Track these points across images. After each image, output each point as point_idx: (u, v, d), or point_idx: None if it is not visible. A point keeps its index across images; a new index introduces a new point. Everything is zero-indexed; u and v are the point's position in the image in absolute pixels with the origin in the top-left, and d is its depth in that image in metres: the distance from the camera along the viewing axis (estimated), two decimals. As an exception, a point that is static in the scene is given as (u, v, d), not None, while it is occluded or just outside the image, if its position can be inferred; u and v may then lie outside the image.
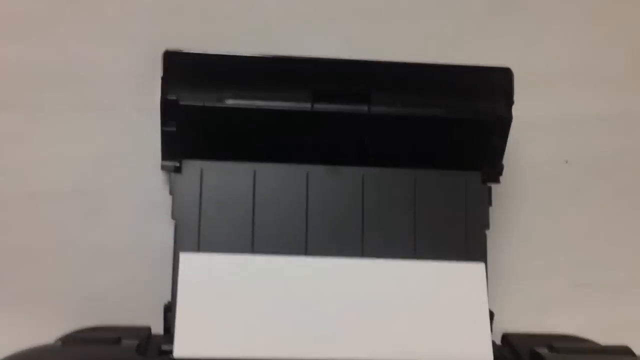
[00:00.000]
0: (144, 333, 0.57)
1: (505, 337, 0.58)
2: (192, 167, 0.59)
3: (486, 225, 0.60)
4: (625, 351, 0.55)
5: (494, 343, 0.55)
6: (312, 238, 0.59)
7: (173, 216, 0.58)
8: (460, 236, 0.60)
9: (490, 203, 0.60)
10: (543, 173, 0.68)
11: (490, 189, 0.61)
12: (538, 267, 0.67)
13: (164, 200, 0.60)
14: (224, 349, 0.52)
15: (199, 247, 0.58)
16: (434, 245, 0.59)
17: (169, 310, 0.57)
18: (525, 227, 0.67)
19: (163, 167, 0.59)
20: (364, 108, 0.59)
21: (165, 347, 0.54)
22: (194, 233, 0.58)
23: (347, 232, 0.59)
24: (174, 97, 0.57)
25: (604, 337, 0.60)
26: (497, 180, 0.61)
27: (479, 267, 0.57)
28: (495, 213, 0.61)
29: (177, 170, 0.59)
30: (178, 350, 0.52)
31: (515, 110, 0.58)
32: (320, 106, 0.58)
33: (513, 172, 0.65)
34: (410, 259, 0.58)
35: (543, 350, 0.54)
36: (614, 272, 0.69)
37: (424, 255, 0.59)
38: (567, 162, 0.68)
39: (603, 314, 0.66)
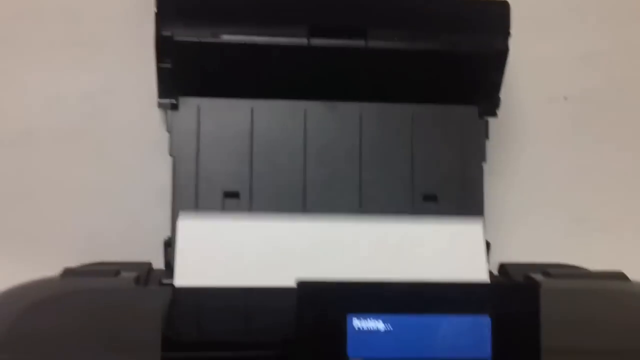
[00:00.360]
0: (144, 267, 0.57)
1: (502, 267, 0.59)
2: (189, 104, 0.59)
3: (483, 159, 0.60)
4: (619, 276, 0.55)
5: (490, 273, 0.56)
6: (310, 175, 0.59)
7: (171, 153, 0.58)
8: (458, 169, 0.60)
9: (487, 136, 0.61)
10: (542, 109, 0.68)
11: (487, 122, 0.61)
12: (535, 201, 0.68)
13: (162, 138, 0.60)
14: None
15: (197, 184, 0.58)
16: (431, 179, 0.60)
17: (169, 245, 0.57)
18: (522, 162, 0.68)
19: (159, 105, 0.59)
20: (360, 43, 0.58)
21: (165, 281, 0.55)
22: (192, 170, 0.58)
23: (345, 168, 0.59)
24: (168, 34, 0.56)
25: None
26: (494, 114, 0.61)
27: (476, 223, 0.58)
28: (493, 148, 0.62)
29: (174, 107, 0.59)
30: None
31: (514, 47, 0.58)
32: (317, 41, 0.58)
33: (512, 108, 0.66)
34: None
35: (538, 276, 0.55)
36: (611, 207, 0.69)
37: (421, 189, 0.59)
38: (566, 98, 0.68)
39: (598, 249, 0.66)
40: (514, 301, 0.38)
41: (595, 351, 0.46)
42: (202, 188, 0.58)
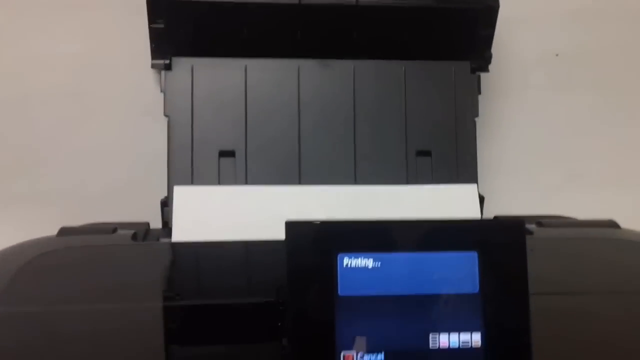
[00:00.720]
0: (141, 227, 0.58)
1: (496, 218, 0.59)
2: (183, 64, 0.59)
3: (476, 114, 0.61)
4: (611, 224, 0.56)
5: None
6: (304, 133, 0.60)
7: (165, 113, 0.59)
8: (451, 125, 0.60)
9: (479, 91, 0.61)
10: (533, 65, 0.68)
11: (479, 77, 0.61)
12: (528, 156, 0.68)
13: (157, 99, 0.60)
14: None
15: (192, 143, 0.59)
16: (424, 135, 0.60)
17: (166, 205, 0.58)
18: (515, 117, 0.68)
19: (153, 66, 0.59)
20: (351, 0, 0.58)
21: (163, 240, 0.55)
22: (187, 130, 0.59)
23: (339, 126, 0.60)
24: (160, -7, 0.57)
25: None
26: (485, 69, 0.61)
27: (471, 188, 0.58)
28: (486, 103, 0.62)
29: (168, 67, 0.59)
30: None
31: (505, 3, 0.58)
32: (308, 0, 0.58)
33: (504, 64, 0.66)
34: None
35: (531, 226, 0.55)
36: (605, 162, 0.69)
37: (414, 144, 0.59)
38: (557, 55, 0.69)
39: (592, 203, 0.67)
40: (500, 237, 0.39)
41: (585, 292, 0.47)
42: (198, 147, 0.59)
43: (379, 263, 0.38)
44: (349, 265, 0.38)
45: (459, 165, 0.60)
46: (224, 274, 0.50)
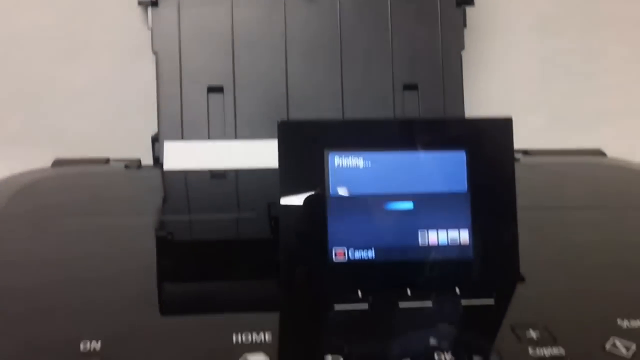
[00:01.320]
0: (133, 162, 0.58)
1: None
2: (169, 0, 0.59)
3: (461, 46, 0.61)
4: (597, 152, 0.57)
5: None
6: (291, 68, 0.60)
7: (153, 49, 0.59)
8: (437, 58, 0.61)
9: (465, 25, 0.61)
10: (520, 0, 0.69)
11: (464, 10, 0.61)
12: (514, 90, 0.69)
13: (145, 37, 0.60)
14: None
15: (181, 80, 0.59)
16: (411, 68, 0.60)
17: (157, 140, 0.58)
18: (501, 51, 0.68)
19: (140, 2, 0.59)
20: None
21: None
22: (175, 66, 0.59)
23: (326, 59, 0.60)
24: None
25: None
26: (471, 3, 0.62)
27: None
28: (472, 37, 0.63)
29: (154, 4, 0.59)
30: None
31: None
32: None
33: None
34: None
35: (518, 155, 0.56)
36: (592, 99, 0.70)
37: (401, 78, 0.60)
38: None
39: (578, 141, 0.68)
40: (488, 135, 0.39)
41: (569, 207, 0.48)
42: (186, 84, 0.59)
43: (370, 162, 0.39)
44: (340, 165, 0.38)
45: (445, 98, 0.60)
46: (215, 196, 0.51)
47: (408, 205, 0.39)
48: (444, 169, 0.39)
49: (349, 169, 0.39)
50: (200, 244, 0.44)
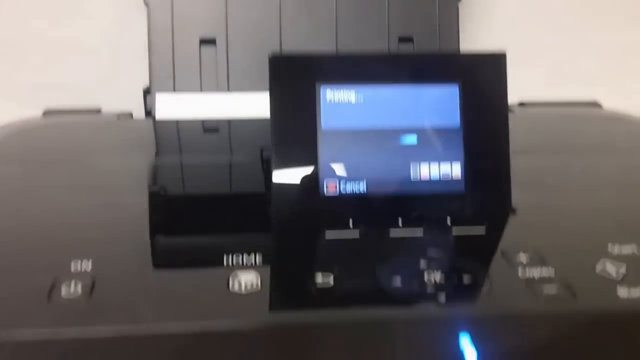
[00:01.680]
0: (125, 115, 0.58)
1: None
2: (161, -49, 0.59)
3: (458, -2, 0.61)
4: (593, 104, 0.57)
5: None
6: (285, 21, 0.59)
7: (145, 0, 0.58)
8: (433, 9, 0.60)
9: (460, -24, 0.61)
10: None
11: (461, -38, 0.61)
12: (512, 44, 0.68)
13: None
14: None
15: (172, 31, 0.58)
16: (406, 21, 0.60)
17: (148, 93, 0.58)
18: (499, 3, 0.68)
19: (131, -47, 0.59)
20: None
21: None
22: (167, 17, 0.58)
23: (320, 13, 0.59)
24: None
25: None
26: (467, -45, 0.61)
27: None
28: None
29: (146, -47, 0.59)
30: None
31: None
32: None
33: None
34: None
35: (514, 106, 0.56)
36: (592, 53, 0.70)
37: (397, 31, 0.59)
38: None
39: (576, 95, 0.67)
40: (481, 69, 0.39)
41: (562, 151, 0.48)
42: (178, 35, 0.58)
43: (361, 96, 0.38)
44: (331, 99, 0.38)
45: (441, 51, 0.60)
46: (207, 143, 0.51)
47: (400, 138, 0.38)
48: (436, 103, 0.39)
49: (340, 102, 0.38)
50: (192, 175, 0.44)
